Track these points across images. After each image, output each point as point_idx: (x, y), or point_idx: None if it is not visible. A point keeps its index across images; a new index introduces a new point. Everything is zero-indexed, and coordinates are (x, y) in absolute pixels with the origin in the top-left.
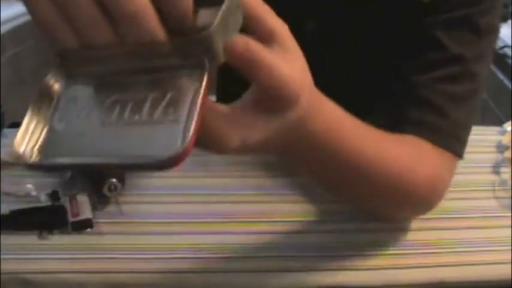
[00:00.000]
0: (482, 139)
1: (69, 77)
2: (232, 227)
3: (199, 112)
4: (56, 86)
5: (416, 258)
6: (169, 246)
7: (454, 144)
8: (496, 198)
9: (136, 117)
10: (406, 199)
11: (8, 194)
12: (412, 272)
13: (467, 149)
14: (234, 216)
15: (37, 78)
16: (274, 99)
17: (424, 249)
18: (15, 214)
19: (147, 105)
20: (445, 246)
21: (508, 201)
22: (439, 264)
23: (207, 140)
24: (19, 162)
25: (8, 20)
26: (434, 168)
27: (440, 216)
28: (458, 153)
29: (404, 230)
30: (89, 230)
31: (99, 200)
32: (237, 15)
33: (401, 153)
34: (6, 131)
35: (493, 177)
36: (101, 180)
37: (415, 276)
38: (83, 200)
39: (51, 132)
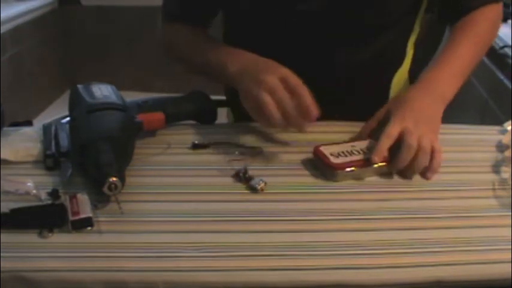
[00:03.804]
0: (482, 138)
1: None
2: (232, 226)
3: None
4: None
5: (415, 257)
6: (169, 245)
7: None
8: (496, 197)
9: None
10: (496, 33)
11: (8, 192)
12: (412, 271)
13: (468, 148)
14: (234, 215)
15: (37, 78)
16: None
17: (424, 248)
18: (15, 213)
19: None
20: (445, 245)
21: (508, 200)
22: (439, 264)
23: None
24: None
25: (8, 20)
26: (497, 9)
27: (440, 215)
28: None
29: (403, 229)
30: (89, 228)
31: (99, 199)
32: None
33: (481, 24)
34: (6, 130)
35: (493, 177)
36: (101, 179)
37: (415, 275)
38: (83, 198)
39: None
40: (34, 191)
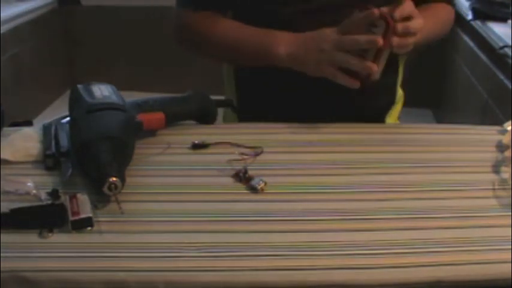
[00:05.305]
0: (482, 139)
1: None
2: (232, 226)
3: None
4: None
5: (415, 257)
6: (169, 245)
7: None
8: (496, 197)
9: None
10: (450, 26)
11: (8, 192)
12: (412, 271)
13: (468, 148)
14: (234, 215)
15: (37, 78)
16: None
17: (424, 248)
18: (15, 213)
19: None
20: (445, 245)
21: (508, 201)
22: (439, 264)
23: None
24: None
25: (8, 20)
26: (452, 12)
27: (440, 215)
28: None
29: (403, 229)
30: (89, 228)
31: (99, 199)
32: None
33: (440, 12)
34: (6, 130)
35: (493, 177)
36: (101, 179)
37: (415, 275)
38: (83, 198)
39: None
40: (34, 191)
